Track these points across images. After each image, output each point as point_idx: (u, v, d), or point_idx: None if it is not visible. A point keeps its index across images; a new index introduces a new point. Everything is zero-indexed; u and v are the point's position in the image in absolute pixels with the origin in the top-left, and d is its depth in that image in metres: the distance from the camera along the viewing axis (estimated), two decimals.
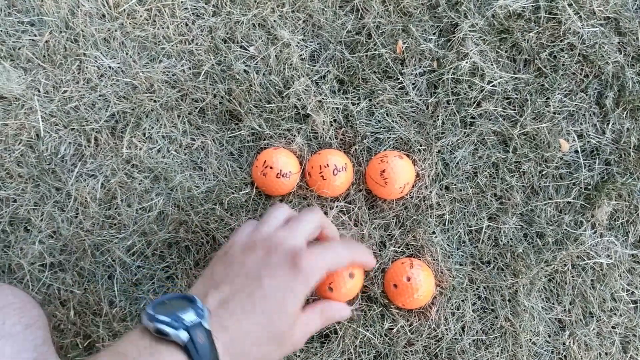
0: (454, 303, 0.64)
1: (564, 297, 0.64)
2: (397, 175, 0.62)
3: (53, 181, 0.66)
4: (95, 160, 0.66)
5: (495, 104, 0.66)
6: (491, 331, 0.64)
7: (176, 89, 0.67)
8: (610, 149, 0.66)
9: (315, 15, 0.69)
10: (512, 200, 0.65)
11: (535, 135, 0.66)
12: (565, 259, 0.64)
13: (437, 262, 0.64)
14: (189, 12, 0.69)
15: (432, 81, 0.67)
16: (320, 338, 0.64)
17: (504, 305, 0.64)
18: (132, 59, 0.68)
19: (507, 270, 0.65)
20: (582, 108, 0.67)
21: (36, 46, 0.68)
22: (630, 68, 0.67)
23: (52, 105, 0.67)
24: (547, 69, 0.67)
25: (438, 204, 0.66)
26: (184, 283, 0.64)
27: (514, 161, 0.66)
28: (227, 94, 0.67)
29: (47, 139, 0.66)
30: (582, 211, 0.65)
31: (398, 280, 0.61)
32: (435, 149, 0.66)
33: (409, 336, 0.63)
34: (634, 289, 0.65)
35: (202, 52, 0.68)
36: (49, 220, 0.66)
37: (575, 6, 0.68)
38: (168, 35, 0.68)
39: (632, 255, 0.65)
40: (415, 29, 0.68)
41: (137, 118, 0.67)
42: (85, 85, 0.67)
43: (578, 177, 0.66)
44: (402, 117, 0.67)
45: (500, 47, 0.68)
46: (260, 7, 0.68)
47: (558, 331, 0.64)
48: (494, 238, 0.65)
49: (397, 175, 0.62)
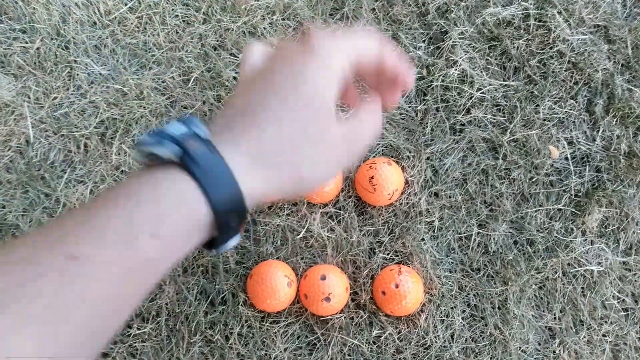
0: (443, 310, 0.63)
1: (555, 305, 0.64)
2: (386, 182, 0.62)
3: (42, 187, 0.66)
4: (84, 167, 0.66)
5: (484, 111, 0.66)
6: (481, 339, 0.63)
7: (166, 95, 0.67)
8: (601, 155, 0.66)
9: (305, 23, 0.69)
10: (502, 207, 0.65)
11: (525, 142, 0.66)
12: (555, 266, 0.64)
13: (426, 269, 0.64)
14: (179, 19, 0.69)
15: (421, 88, 0.68)
16: (308, 346, 0.63)
17: (493, 313, 0.64)
18: (122, 66, 0.68)
19: (497, 277, 0.64)
20: (572, 115, 0.67)
21: (27, 53, 0.68)
22: (619, 75, 0.67)
23: (42, 112, 0.67)
24: (537, 76, 0.67)
25: (427, 210, 0.65)
26: (171, 290, 0.64)
27: (504, 168, 0.66)
28: (216, 101, 0.67)
29: (37, 145, 0.66)
30: (572, 218, 0.65)
31: (386, 287, 0.61)
32: (425, 155, 0.66)
33: (398, 344, 0.62)
34: (624, 296, 0.64)
35: (192, 59, 0.68)
36: (37, 226, 0.65)
37: (565, 14, 0.68)
38: (158, 42, 0.68)
39: (623, 262, 0.65)
40: (404, 37, 0.68)
41: (126, 124, 0.67)
42: (75, 92, 0.68)
43: (568, 184, 0.66)
44: (392, 124, 0.67)
45: (490, 55, 0.68)
46: (251, 15, 0.69)
47: (548, 339, 0.64)
48: (483, 245, 0.65)
49: (386, 181, 0.62)
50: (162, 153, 0.30)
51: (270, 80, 0.33)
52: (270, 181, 0.32)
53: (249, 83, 0.35)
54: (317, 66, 0.34)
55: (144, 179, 0.30)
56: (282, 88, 0.33)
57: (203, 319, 0.63)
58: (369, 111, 0.38)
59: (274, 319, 0.63)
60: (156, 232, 0.29)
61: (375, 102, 0.39)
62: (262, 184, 0.32)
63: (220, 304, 0.64)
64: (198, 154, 0.29)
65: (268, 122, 0.32)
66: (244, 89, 0.35)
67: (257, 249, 0.65)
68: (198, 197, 0.30)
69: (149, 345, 0.63)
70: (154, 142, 0.30)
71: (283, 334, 0.63)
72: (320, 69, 0.34)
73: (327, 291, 0.60)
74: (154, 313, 0.64)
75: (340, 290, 0.61)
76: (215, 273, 0.65)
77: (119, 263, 0.29)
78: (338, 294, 0.60)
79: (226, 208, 0.31)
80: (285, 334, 0.63)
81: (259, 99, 0.33)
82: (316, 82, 0.34)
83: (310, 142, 0.33)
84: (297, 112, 0.33)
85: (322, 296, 0.59)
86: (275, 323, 0.63)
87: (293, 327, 0.63)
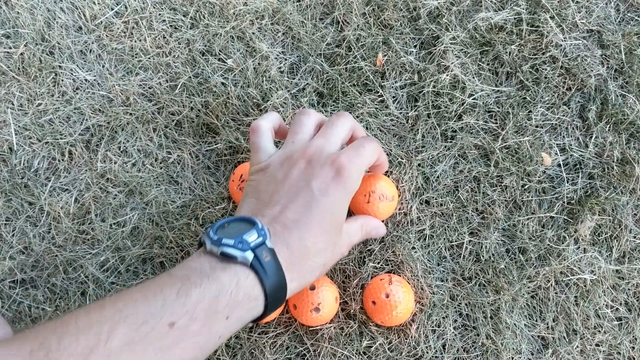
0: (435, 320, 0.63)
1: (547, 314, 0.63)
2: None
3: (25, 196, 0.65)
4: (69, 175, 0.65)
5: (476, 117, 0.65)
6: (472, 349, 0.62)
7: (152, 102, 0.66)
8: (594, 162, 0.65)
9: (294, 28, 0.68)
10: (493, 215, 0.64)
11: (517, 148, 0.65)
12: (548, 275, 0.63)
13: (417, 278, 0.63)
14: (166, 24, 0.68)
15: (412, 94, 0.67)
16: (298, 357, 0.62)
17: (485, 322, 0.63)
18: (108, 72, 0.67)
19: (489, 286, 0.63)
20: (564, 121, 0.66)
21: (11, 58, 0.67)
22: (613, 81, 0.66)
23: (26, 119, 0.66)
24: (529, 81, 0.66)
25: (419, 218, 0.64)
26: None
27: (496, 175, 0.65)
28: (204, 107, 0.66)
29: (20, 153, 0.65)
30: (565, 226, 0.64)
31: (376, 297, 0.60)
32: (416, 162, 0.65)
33: (388, 354, 0.61)
34: (618, 305, 0.63)
35: (179, 65, 0.67)
36: (20, 235, 0.64)
37: (558, 19, 0.67)
38: (145, 47, 0.67)
39: (616, 270, 0.64)
40: (395, 42, 0.67)
41: (112, 131, 0.66)
42: (60, 98, 0.66)
43: (561, 192, 0.65)
44: (382, 130, 0.66)
45: (482, 60, 0.67)
46: (239, 20, 0.68)
47: (541, 349, 0.63)
48: (475, 253, 0.64)
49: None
50: (242, 259, 0.41)
51: (312, 200, 0.46)
52: (298, 277, 0.46)
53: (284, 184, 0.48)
54: (346, 194, 0.49)
55: (226, 272, 0.41)
56: (322, 211, 0.46)
57: None
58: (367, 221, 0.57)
59: (262, 329, 0.62)
60: (230, 315, 0.40)
61: (373, 220, 0.58)
62: (295, 280, 0.45)
63: None
64: (267, 264, 0.42)
65: (310, 235, 0.45)
66: (277, 188, 0.48)
67: None
68: (259, 293, 0.42)
69: None
70: (238, 251, 0.41)
71: (272, 345, 0.62)
72: (347, 196, 0.49)
73: (317, 301, 0.58)
74: None
75: (330, 300, 0.59)
76: None
77: (201, 335, 0.39)
78: (328, 304, 0.59)
79: (276, 299, 0.43)
80: (274, 344, 0.62)
81: (302, 211, 0.46)
82: (343, 209, 0.49)
83: (329, 250, 0.48)
84: (328, 233, 0.47)
85: (312, 306, 0.58)
86: (264, 334, 0.62)
87: (282, 338, 0.62)
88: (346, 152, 0.49)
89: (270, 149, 0.52)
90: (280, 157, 0.50)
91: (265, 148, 0.52)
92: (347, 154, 0.49)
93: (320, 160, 0.48)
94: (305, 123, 0.53)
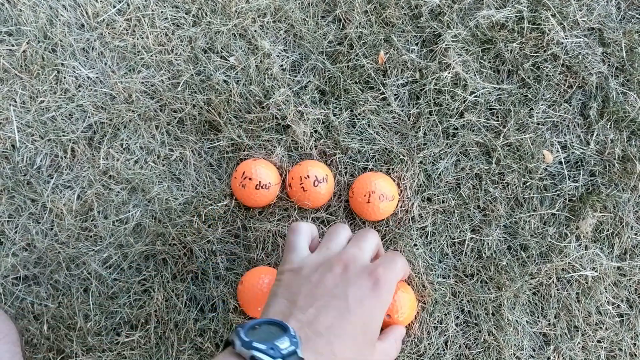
0: (437, 317, 0.63)
1: (549, 311, 0.63)
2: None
3: (28, 193, 0.65)
4: (71, 172, 0.65)
5: (478, 114, 0.66)
6: (475, 346, 0.63)
7: (155, 99, 0.66)
8: (595, 160, 0.65)
9: (296, 26, 0.68)
10: (495, 212, 0.64)
11: (518, 146, 0.65)
12: (549, 272, 0.63)
13: (419, 275, 0.63)
14: (168, 22, 0.68)
15: (414, 92, 0.67)
16: None
17: (487, 319, 0.63)
18: (110, 69, 0.67)
19: (491, 283, 0.63)
20: (566, 119, 0.66)
21: (13, 56, 0.67)
22: (614, 79, 0.66)
23: (29, 116, 0.66)
24: (531, 79, 0.66)
25: (420, 216, 0.64)
26: (160, 297, 0.63)
27: (498, 172, 0.65)
28: (207, 104, 0.66)
29: (23, 150, 0.65)
30: (566, 223, 0.64)
31: None
32: (417, 160, 0.65)
33: None
34: (619, 302, 0.63)
35: (182, 62, 0.67)
36: (23, 232, 0.64)
37: (559, 16, 0.67)
38: (147, 45, 0.67)
39: (618, 267, 0.64)
40: (397, 40, 0.67)
41: (114, 129, 0.66)
42: (62, 96, 0.66)
43: (562, 189, 0.65)
44: (384, 128, 0.66)
45: (483, 58, 0.67)
46: (241, 17, 0.68)
47: (543, 345, 0.63)
48: (477, 250, 0.64)
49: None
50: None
51: (347, 309, 0.46)
52: None
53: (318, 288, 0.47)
54: (381, 307, 0.48)
55: None
56: (355, 321, 0.45)
57: (192, 326, 0.62)
58: (398, 334, 0.57)
59: None
60: None
61: (402, 329, 0.58)
62: None
63: (210, 310, 0.63)
64: None
65: (340, 344, 0.44)
66: (310, 291, 0.47)
67: (247, 255, 0.64)
68: None
69: (138, 353, 0.62)
70: (269, 358, 0.40)
71: None
72: (382, 308, 0.48)
73: None
74: (142, 320, 0.63)
75: None
76: (205, 279, 0.64)
77: None
78: None
79: None
80: None
81: (335, 318, 0.45)
82: (377, 322, 0.48)
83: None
84: (358, 345, 0.46)
85: None
86: None
87: None
88: (382, 264, 0.50)
89: (304, 251, 0.53)
90: (315, 261, 0.50)
91: (301, 249, 0.53)
92: (384, 267, 0.50)
93: (357, 268, 0.49)
94: (341, 233, 0.54)
